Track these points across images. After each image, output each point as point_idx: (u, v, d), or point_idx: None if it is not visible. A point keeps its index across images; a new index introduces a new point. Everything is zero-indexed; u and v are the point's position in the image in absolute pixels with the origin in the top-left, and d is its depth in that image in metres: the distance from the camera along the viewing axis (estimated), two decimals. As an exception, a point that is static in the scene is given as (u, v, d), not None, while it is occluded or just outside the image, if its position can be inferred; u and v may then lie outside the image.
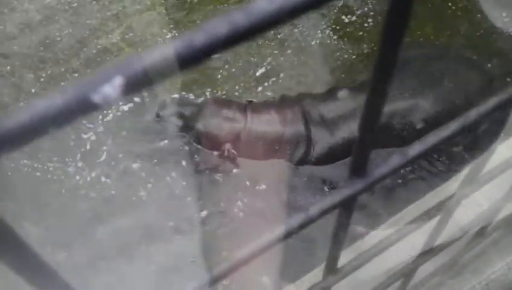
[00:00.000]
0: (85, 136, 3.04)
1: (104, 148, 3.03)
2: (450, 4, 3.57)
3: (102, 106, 0.25)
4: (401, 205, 1.83)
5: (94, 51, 3.36)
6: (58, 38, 3.41)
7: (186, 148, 3.00)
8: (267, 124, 2.88)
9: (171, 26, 3.48)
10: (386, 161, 0.54)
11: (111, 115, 3.12)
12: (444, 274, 1.34)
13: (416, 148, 0.56)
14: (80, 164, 2.97)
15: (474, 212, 1.20)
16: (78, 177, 2.93)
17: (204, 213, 2.85)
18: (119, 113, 3.13)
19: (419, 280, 1.26)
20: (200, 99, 3.11)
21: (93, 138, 3.04)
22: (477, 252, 1.44)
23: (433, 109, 2.82)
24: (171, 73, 0.26)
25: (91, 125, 3.07)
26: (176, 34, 3.45)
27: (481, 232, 1.26)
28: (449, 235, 1.11)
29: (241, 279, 2.62)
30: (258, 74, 3.31)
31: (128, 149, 3.03)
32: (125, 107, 3.15)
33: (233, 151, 2.86)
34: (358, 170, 0.53)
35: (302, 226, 0.51)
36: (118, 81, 0.25)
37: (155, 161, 3.01)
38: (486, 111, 0.60)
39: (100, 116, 3.10)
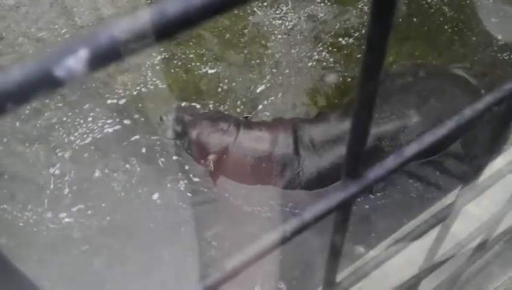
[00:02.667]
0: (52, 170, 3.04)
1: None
2: (446, 27, 3.60)
3: (66, 81, 0.23)
4: (401, 225, 1.82)
5: (97, 81, 3.36)
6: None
7: (175, 158, 3.06)
8: (257, 141, 2.89)
9: (163, 53, 3.50)
10: (381, 163, 0.52)
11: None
12: (446, 290, 1.31)
13: (411, 149, 0.54)
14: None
15: (474, 226, 1.17)
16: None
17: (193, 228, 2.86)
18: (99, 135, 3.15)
19: (421, 297, 1.23)
20: (203, 110, 3.20)
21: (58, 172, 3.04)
22: (479, 266, 1.41)
23: (422, 129, 2.81)
24: (141, 46, 0.24)
25: (60, 154, 3.08)
26: (181, 60, 3.48)
27: (482, 246, 1.23)
28: (449, 250, 1.09)
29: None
30: (258, 90, 3.34)
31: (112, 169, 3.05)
32: (110, 129, 3.17)
33: (212, 165, 2.86)
34: (352, 172, 0.50)
35: (297, 232, 0.49)
36: (83, 53, 0.23)
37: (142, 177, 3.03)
38: (480, 109, 0.58)
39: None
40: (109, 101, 3.29)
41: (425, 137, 0.55)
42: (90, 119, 3.22)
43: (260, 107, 3.29)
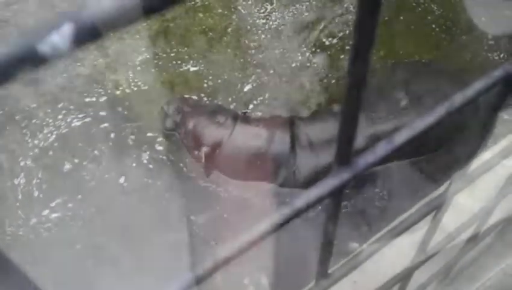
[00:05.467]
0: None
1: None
2: (433, 26, 3.60)
3: (51, 58, 0.23)
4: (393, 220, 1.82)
5: (80, 80, 3.35)
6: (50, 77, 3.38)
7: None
8: (252, 137, 2.86)
9: (155, 52, 3.48)
10: (372, 149, 0.52)
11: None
12: (439, 282, 1.31)
13: (402, 135, 0.54)
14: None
15: (465, 217, 1.18)
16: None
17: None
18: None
19: (414, 289, 1.23)
20: (206, 102, 3.22)
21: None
22: (471, 258, 1.41)
23: None
24: (128, 21, 0.23)
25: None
26: (159, 60, 3.47)
27: (474, 237, 1.24)
28: (441, 241, 1.09)
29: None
30: (245, 89, 3.33)
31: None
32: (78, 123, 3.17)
33: (203, 157, 2.85)
34: (343, 159, 0.50)
35: (288, 220, 0.48)
36: (68, 28, 0.22)
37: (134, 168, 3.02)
38: (471, 96, 0.58)
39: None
40: (87, 100, 3.27)
41: (415, 124, 0.55)
42: (60, 117, 3.19)
43: (251, 106, 3.28)
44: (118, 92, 3.31)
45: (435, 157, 2.90)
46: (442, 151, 2.89)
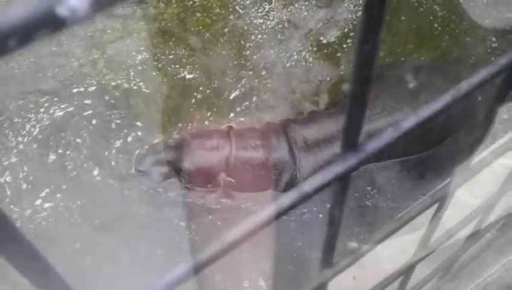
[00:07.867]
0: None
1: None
2: (435, 26, 3.59)
3: (69, 21, 0.23)
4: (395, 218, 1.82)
5: (79, 79, 3.32)
6: (41, 73, 3.36)
7: (177, 192, 2.94)
8: (252, 149, 2.82)
9: (143, 52, 3.45)
10: (379, 135, 0.52)
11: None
12: (440, 278, 1.31)
13: (409, 121, 0.54)
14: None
15: (465, 213, 1.18)
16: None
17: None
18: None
19: (415, 285, 1.23)
20: (176, 139, 3.03)
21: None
22: (472, 254, 1.41)
23: None
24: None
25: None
26: (160, 61, 3.44)
27: (474, 233, 1.24)
28: (441, 236, 1.09)
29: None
30: (231, 97, 3.28)
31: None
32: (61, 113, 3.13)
33: (230, 179, 2.76)
34: (350, 144, 0.50)
35: (295, 204, 0.48)
36: (86, -8, 0.22)
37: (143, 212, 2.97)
38: (476, 84, 0.59)
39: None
40: (75, 90, 3.22)
41: (421, 111, 0.55)
42: (42, 110, 3.15)
43: (232, 114, 3.23)
44: (111, 88, 3.27)
45: (435, 153, 2.90)
46: (442, 147, 2.89)
